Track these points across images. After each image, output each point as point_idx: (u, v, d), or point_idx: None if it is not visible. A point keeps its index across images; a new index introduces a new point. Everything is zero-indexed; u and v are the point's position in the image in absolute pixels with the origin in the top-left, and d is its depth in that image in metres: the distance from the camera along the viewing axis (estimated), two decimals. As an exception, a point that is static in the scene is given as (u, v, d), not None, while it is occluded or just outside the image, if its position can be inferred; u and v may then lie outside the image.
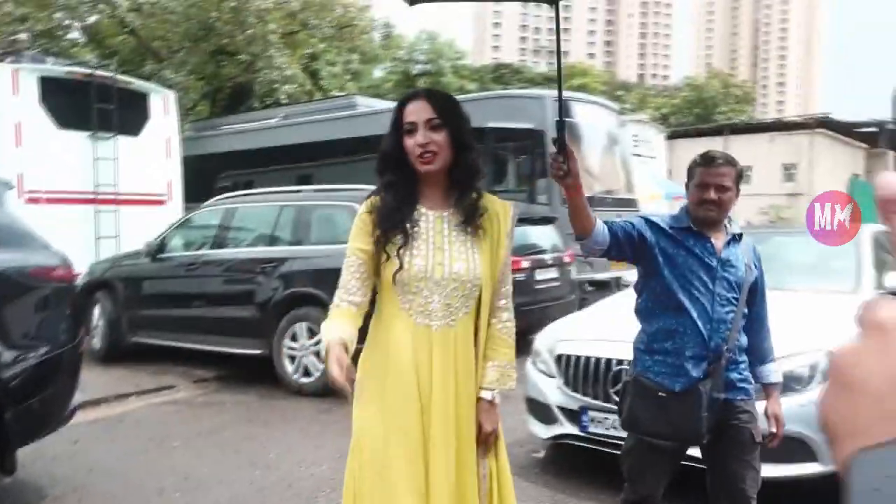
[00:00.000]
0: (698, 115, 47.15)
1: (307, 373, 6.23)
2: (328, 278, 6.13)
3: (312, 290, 6.25)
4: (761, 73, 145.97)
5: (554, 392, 4.07)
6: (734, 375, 2.47)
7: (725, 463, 2.46)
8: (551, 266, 8.58)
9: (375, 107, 15.09)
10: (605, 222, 2.37)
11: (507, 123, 11.17)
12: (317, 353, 6.17)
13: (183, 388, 6.52)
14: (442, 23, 40.62)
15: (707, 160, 2.48)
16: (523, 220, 8.94)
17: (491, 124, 11.36)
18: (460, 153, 1.98)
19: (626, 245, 2.40)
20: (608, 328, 4.22)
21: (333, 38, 20.96)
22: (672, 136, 30.55)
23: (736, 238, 2.51)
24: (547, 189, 10.52)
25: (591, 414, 3.87)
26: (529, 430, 4.33)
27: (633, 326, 4.21)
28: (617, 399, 3.68)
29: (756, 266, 2.55)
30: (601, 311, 4.87)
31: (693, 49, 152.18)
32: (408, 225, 1.95)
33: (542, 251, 8.61)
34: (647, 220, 2.50)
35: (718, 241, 2.48)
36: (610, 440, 3.75)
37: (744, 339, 2.50)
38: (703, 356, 2.40)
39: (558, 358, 4.09)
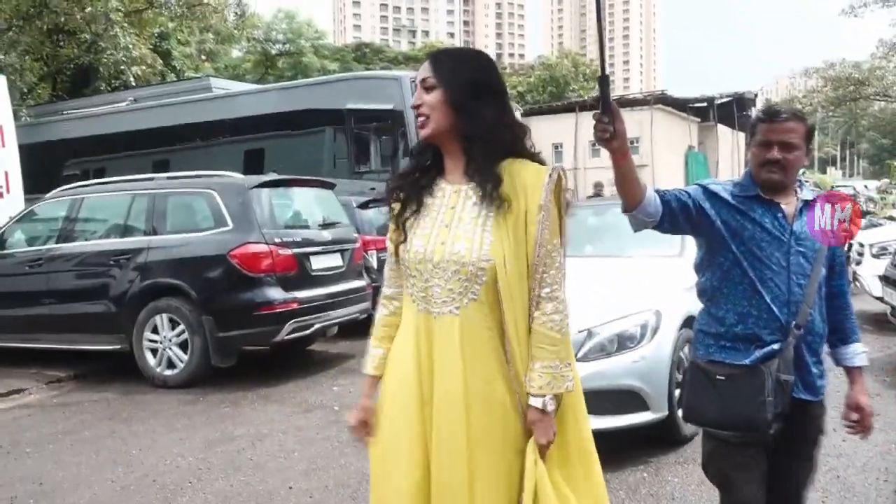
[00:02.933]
0: (552, 92, 49.12)
1: (171, 365, 6.08)
2: (188, 267, 6.10)
3: (172, 281, 6.10)
4: (608, 52, 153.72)
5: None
6: (813, 369, 2.17)
7: (787, 459, 2.21)
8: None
9: (232, 88, 14.61)
10: (657, 191, 2.10)
11: (367, 105, 11.23)
12: (180, 345, 6.04)
13: (35, 390, 6.16)
14: (299, 2, 39.63)
15: (770, 114, 2.18)
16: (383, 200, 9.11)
17: (350, 106, 11.40)
18: (465, 119, 1.71)
19: (680, 217, 2.11)
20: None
21: (184, 17, 19.93)
22: (528, 114, 31.75)
23: (809, 204, 2.18)
24: (409, 169, 10.72)
25: None
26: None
27: None
28: None
29: None
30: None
31: (546, 29, 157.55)
32: (418, 198, 1.77)
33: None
34: (706, 189, 2.19)
35: (790, 208, 2.16)
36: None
37: (819, 320, 2.18)
38: (777, 341, 2.12)
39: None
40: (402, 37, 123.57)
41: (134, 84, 17.29)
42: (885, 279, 5.86)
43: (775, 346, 2.09)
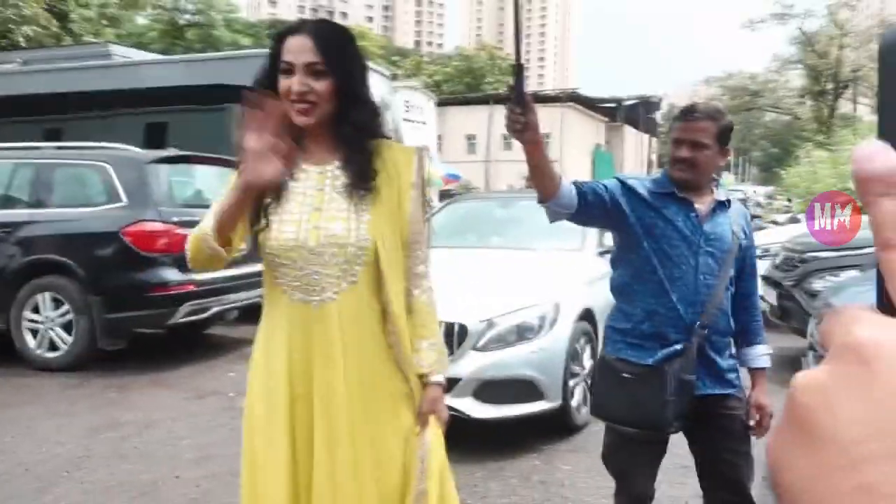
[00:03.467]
0: (468, 83, 49.45)
1: (53, 346, 5.72)
2: (76, 244, 5.75)
3: (57, 258, 5.73)
4: (525, 48, 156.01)
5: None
6: (721, 364, 2.19)
7: (717, 454, 2.21)
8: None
9: (133, 57, 13.88)
10: (575, 183, 2.07)
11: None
12: (63, 325, 5.69)
13: None
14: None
15: (685, 112, 2.19)
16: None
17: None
18: (348, 105, 1.64)
19: (595, 209, 2.09)
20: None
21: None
22: (443, 104, 31.85)
23: (724, 204, 2.20)
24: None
25: None
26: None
27: None
28: None
29: (746, 236, 2.24)
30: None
31: (465, 20, 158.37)
32: (283, 185, 1.64)
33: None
34: (623, 184, 2.18)
35: (703, 208, 2.17)
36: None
37: (725, 320, 2.20)
38: (681, 340, 2.14)
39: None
40: (319, 17, 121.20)
41: (24, 45, 16.15)
42: (766, 279, 6.21)
43: (678, 346, 2.11)
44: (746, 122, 44.52)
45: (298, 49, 1.60)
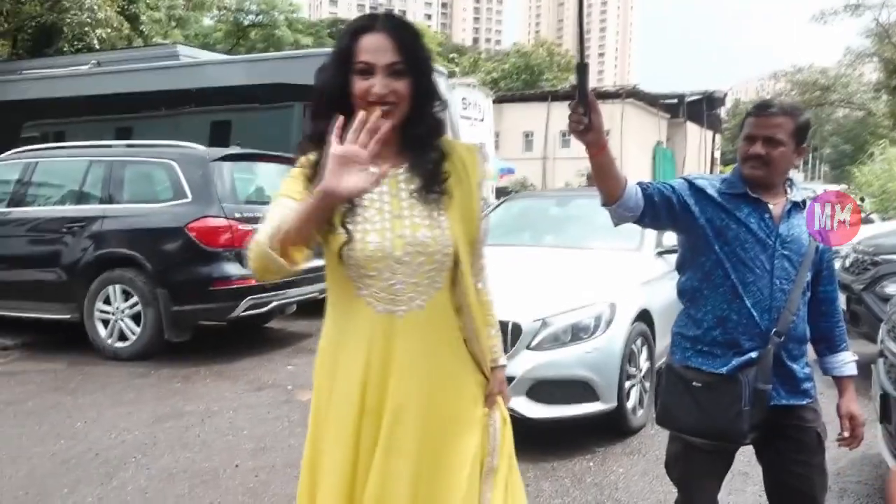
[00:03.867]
0: (525, 80, 49.14)
1: (122, 337, 5.96)
2: (143, 239, 5.97)
3: (127, 251, 5.96)
4: (586, 45, 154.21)
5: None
6: (798, 373, 2.09)
7: (789, 468, 2.10)
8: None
9: (199, 57, 14.30)
10: (640, 184, 1.99)
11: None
12: (133, 317, 5.92)
13: (-22, 358, 6.00)
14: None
15: (759, 108, 2.09)
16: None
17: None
18: (423, 105, 1.58)
19: (663, 212, 2.01)
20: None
21: (153, -20, 19.44)
22: (500, 101, 31.74)
23: (799, 205, 2.10)
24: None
25: None
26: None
27: None
28: None
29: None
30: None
31: (524, 16, 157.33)
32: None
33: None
34: (692, 184, 2.10)
35: (777, 209, 2.07)
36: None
37: (802, 326, 2.10)
38: (756, 348, 2.05)
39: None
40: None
41: (98, 47, 16.83)
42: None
43: (753, 354, 2.02)
44: (817, 118, 42.98)
45: (378, 48, 1.52)
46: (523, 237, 5.45)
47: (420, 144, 1.61)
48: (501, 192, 19.94)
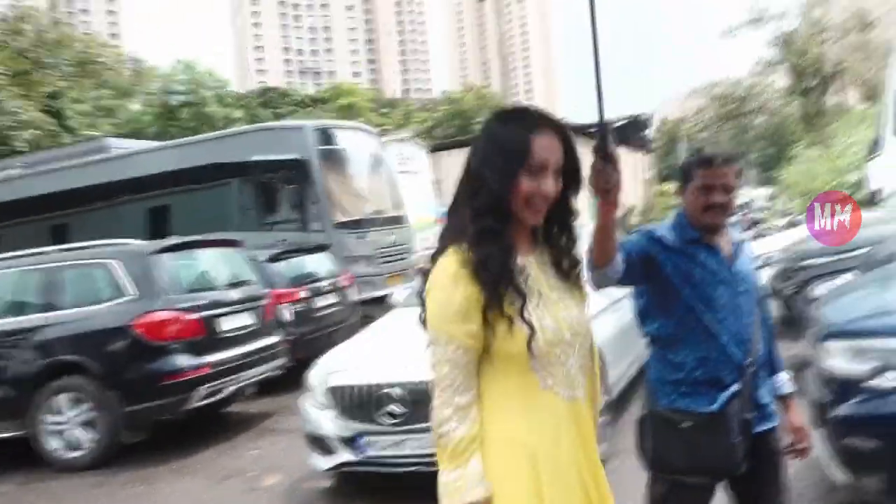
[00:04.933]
0: (459, 126, 50.07)
1: (75, 447, 5.81)
2: (89, 342, 5.89)
3: (72, 358, 5.86)
4: (512, 82, 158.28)
5: (330, 423, 4.26)
6: (765, 397, 2.25)
7: (767, 489, 2.24)
8: (330, 292, 8.81)
9: (131, 147, 14.27)
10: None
11: (272, 155, 11.19)
12: (84, 423, 5.79)
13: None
14: (199, 53, 39.06)
15: (707, 160, 2.23)
16: (298, 251, 9.09)
17: (256, 157, 11.32)
18: (568, 196, 1.63)
19: (637, 269, 2.12)
20: (374, 353, 4.59)
21: (75, 76, 19.40)
22: (437, 149, 32.20)
23: (741, 244, 2.30)
24: (319, 216, 10.73)
25: (366, 439, 4.11)
26: (312, 465, 4.47)
27: (398, 347, 4.47)
28: (393, 422, 3.98)
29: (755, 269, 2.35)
30: (367, 338, 5.18)
31: (450, 62, 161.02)
32: (520, 279, 1.53)
33: (320, 279, 8.81)
34: (651, 237, 2.22)
35: (727, 249, 2.25)
36: (387, 461, 4.09)
37: (764, 353, 2.27)
38: (735, 381, 2.16)
39: (331, 390, 4.29)
40: (307, 79, 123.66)
41: (24, 149, 16.63)
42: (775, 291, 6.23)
43: (734, 388, 2.13)
44: (741, 126, 44.70)
45: (551, 149, 1.55)
46: None
47: (560, 230, 1.65)
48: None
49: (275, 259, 8.44)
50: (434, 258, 1.57)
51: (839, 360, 3.12)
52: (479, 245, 1.51)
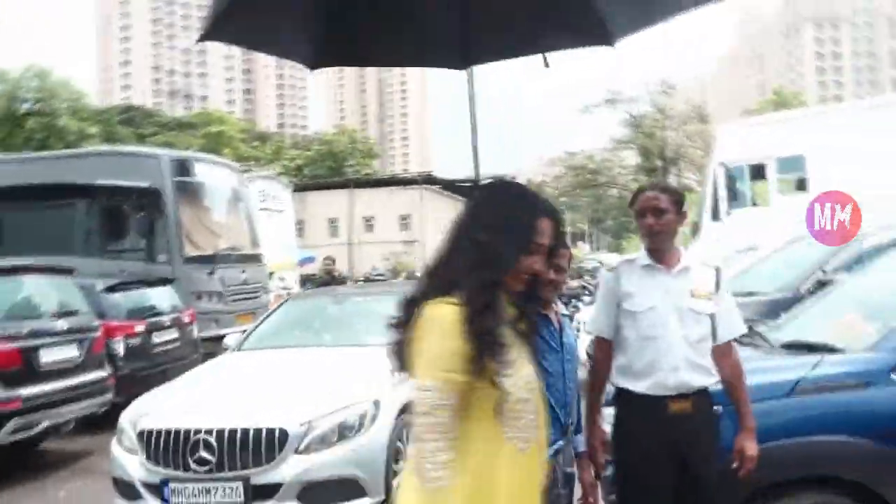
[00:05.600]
0: (330, 167, 50.09)
1: None
2: None
3: None
4: (388, 129, 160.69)
5: (137, 468, 4.15)
6: (581, 451, 2.52)
7: None
8: (170, 327, 8.55)
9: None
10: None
11: (122, 181, 10.79)
12: None
13: None
14: (58, 60, 36.75)
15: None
16: (140, 282, 8.77)
17: (102, 181, 10.85)
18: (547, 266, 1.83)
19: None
20: (189, 399, 4.55)
21: None
22: (304, 189, 32.13)
23: (565, 316, 2.49)
24: (167, 248, 10.41)
25: (173, 486, 4.01)
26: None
27: (214, 393, 4.45)
28: (203, 469, 3.91)
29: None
30: (186, 381, 5.12)
31: (327, 102, 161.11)
32: (501, 337, 1.63)
33: (160, 313, 8.54)
34: None
35: (555, 320, 2.42)
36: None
37: (579, 417, 2.51)
38: (559, 439, 2.34)
39: (140, 434, 4.18)
40: (176, 101, 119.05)
41: None
42: (589, 356, 6.76)
43: (558, 445, 2.31)
44: (596, 195, 47.92)
45: (548, 233, 1.72)
46: (302, 337, 5.60)
47: (534, 296, 1.81)
48: (308, 280, 19.99)
49: (113, 289, 8.12)
50: (416, 302, 1.64)
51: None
52: (476, 306, 1.59)
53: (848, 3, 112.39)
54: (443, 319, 1.59)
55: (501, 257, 1.63)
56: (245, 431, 3.93)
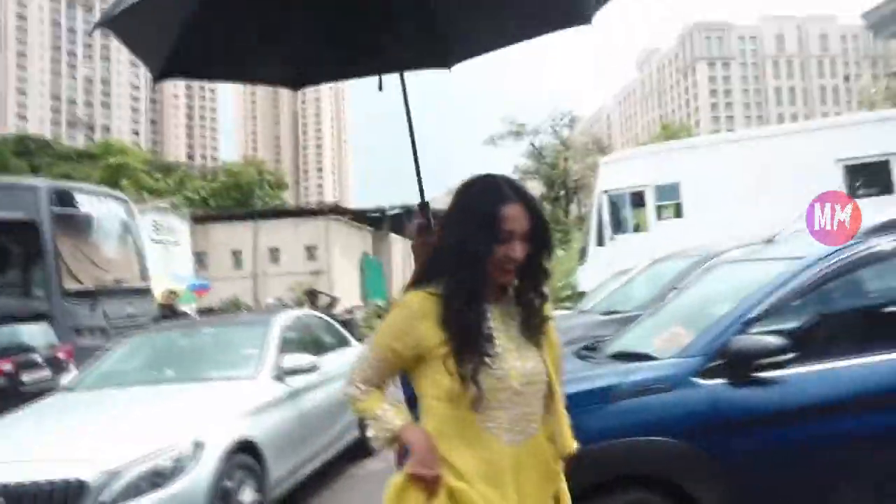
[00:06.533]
0: (236, 198, 49.11)
1: None
2: None
3: None
4: (303, 160, 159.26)
5: None
6: None
7: None
8: (41, 365, 8.20)
9: None
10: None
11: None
12: None
13: None
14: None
15: None
16: (12, 318, 8.38)
17: (-25, 212, 10.36)
18: (533, 258, 1.75)
19: None
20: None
21: None
22: (206, 220, 31.40)
23: None
24: (44, 283, 10.01)
25: None
26: None
27: (9, 443, 3.93)
28: None
29: None
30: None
31: (241, 133, 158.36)
32: (485, 332, 1.69)
33: (32, 349, 8.19)
34: None
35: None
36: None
37: None
38: None
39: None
40: (77, 131, 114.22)
41: None
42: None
43: None
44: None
45: (519, 218, 1.69)
46: (143, 374, 5.20)
47: (533, 292, 1.78)
48: (207, 310, 19.48)
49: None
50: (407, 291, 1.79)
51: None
52: (453, 299, 1.68)
53: (737, 45, 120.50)
54: (411, 303, 1.73)
55: (475, 252, 1.67)
56: (35, 485, 3.43)
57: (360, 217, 34.83)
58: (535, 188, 36.66)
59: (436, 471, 1.63)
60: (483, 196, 1.73)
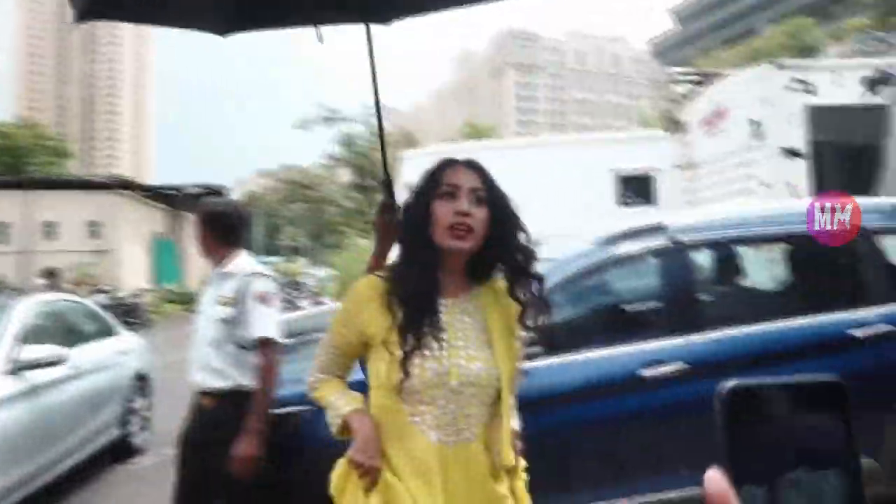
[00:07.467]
0: (7, 164, 43.59)
1: None
2: None
3: None
4: (95, 125, 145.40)
5: None
6: None
7: None
8: None
9: None
10: None
11: None
12: None
13: None
14: None
15: None
16: None
17: None
18: (500, 233, 1.62)
19: None
20: None
21: None
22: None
23: None
24: None
25: None
26: None
27: None
28: None
29: None
30: None
31: (17, 90, 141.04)
32: (430, 319, 1.58)
33: None
34: None
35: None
36: None
37: None
38: None
39: None
40: None
41: None
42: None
43: None
44: (318, 210, 48.17)
45: (463, 176, 1.62)
46: None
47: (485, 276, 1.67)
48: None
49: None
50: None
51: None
52: (401, 272, 1.63)
53: (542, 55, 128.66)
54: (359, 288, 1.69)
55: (418, 213, 1.62)
56: None
57: (155, 195, 32.35)
58: (344, 176, 36.53)
59: (374, 459, 1.58)
60: (433, 166, 1.72)
